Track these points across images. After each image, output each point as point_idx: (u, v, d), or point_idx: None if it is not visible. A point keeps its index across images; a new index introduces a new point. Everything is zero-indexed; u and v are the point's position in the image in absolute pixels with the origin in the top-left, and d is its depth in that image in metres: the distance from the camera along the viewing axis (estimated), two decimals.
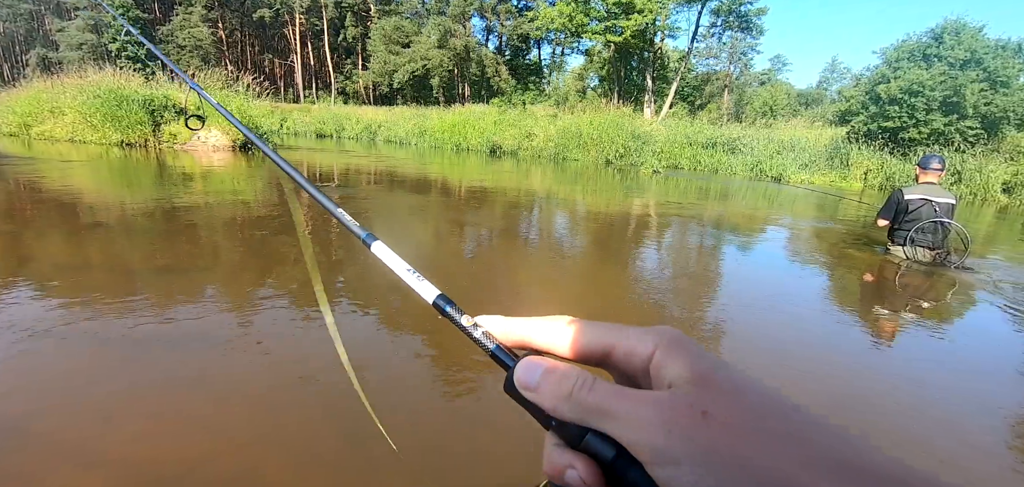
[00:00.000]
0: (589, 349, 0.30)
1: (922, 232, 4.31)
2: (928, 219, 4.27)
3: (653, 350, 0.27)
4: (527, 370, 0.29)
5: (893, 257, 4.51)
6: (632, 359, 0.28)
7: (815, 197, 9.87)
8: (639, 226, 5.64)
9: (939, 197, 4.29)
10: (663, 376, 0.26)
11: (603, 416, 0.25)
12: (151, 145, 10.98)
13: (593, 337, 0.30)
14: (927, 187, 4.36)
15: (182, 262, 3.12)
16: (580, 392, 0.26)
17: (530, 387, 0.28)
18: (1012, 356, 2.57)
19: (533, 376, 0.29)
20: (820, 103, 38.03)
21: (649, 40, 26.08)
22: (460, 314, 0.36)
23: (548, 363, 0.29)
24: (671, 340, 0.27)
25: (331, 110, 29.28)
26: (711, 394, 0.23)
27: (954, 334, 2.83)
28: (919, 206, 4.32)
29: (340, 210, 0.59)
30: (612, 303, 2.97)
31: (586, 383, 0.26)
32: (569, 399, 0.27)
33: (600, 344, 0.29)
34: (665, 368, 0.26)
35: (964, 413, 1.96)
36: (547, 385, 0.28)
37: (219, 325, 2.26)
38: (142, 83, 12.06)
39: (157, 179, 6.61)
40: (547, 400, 0.28)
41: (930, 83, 13.32)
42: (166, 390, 1.71)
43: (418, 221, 5.02)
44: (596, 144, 15.03)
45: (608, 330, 0.29)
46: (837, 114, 17.73)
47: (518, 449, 1.54)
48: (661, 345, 0.27)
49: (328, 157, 12.34)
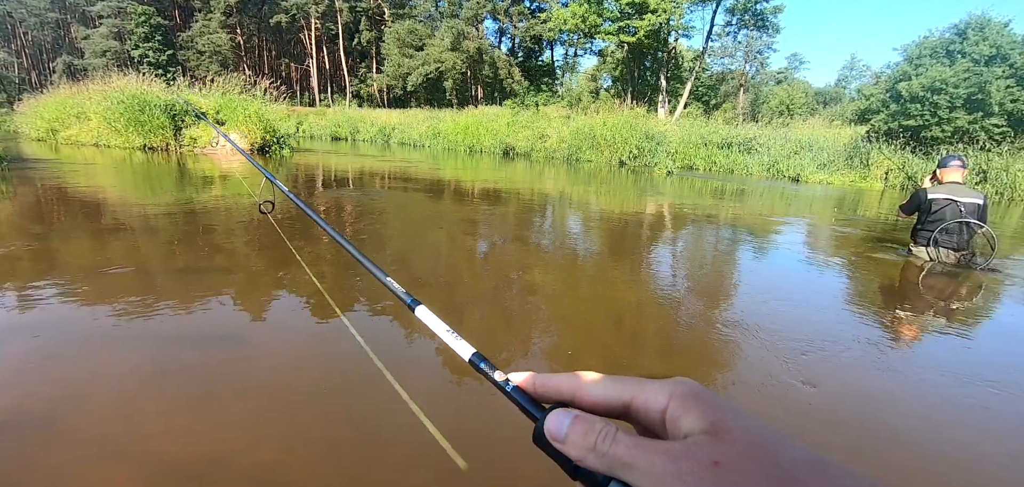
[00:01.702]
0: (610, 402, 0.31)
1: (946, 233, 4.17)
2: (953, 219, 4.13)
3: (667, 402, 0.28)
4: (556, 422, 0.30)
5: (916, 258, 4.39)
6: (649, 411, 0.29)
7: (834, 197, 9.69)
8: (654, 228, 5.60)
9: (965, 197, 4.13)
10: (679, 427, 0.27)
11: (624, 467, 0.26)
12: (172, 149, 11.24)
13: (614, 390, 0.31)
14: (952, 187, 4.22)
15: (204, 263, 3.19)
16: (603, 443, 0.27)
17: (558, 438, 0.30)
18: None
19: (561, 428, 0.30)
20: (839, 102, 37.36)
21: (663, 40, 25.89)
22: (493, 370, 0.40)
23: (575, 414, 0.30)
24: (685, 392, 0.28)
25: (346, 113, 29.65)
26: (723, 444, 0.24)
27: (981, 336, 2.76)
28: (944, 206, 4.19)
29: (388, 278, 0.67)
30: (626, 306, 2.95)
31: (608, 435, 0.28)
32: (593, 450, 0.28)
33: (620, 397, 0.31)
34: (680, 420, 0.27)
35: (993, 418, 1.91)
36: (574, 436, 0.29)
37: (242, 325, 2.31)
38: (163, 88, 12.35)
39: (179, 182, 6.76)
40: (574, 450, 0.29)
41: (953, 80, 13.01)
42: (191, 388, 1.76)
43: (431, 224, 5.06)
44: (609, 145, 14.97)
45: (627, 383, 0.31)
46: (856, 113, 17.42)
47: None
48: (675, 397, 0.28)
49: (344, 159, 12.48)
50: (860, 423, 1.80)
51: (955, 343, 2.61)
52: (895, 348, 2.52)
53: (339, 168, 10.10)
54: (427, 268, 3.44)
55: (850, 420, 1.83)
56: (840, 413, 1.87)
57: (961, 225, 4.13)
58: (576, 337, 2.40)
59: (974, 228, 4.12)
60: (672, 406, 0.28)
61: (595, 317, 2.69)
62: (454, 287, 3.03)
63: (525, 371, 0.36)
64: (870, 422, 1.81)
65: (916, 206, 4.41)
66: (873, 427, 1.78)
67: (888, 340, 2.61)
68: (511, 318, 2.61)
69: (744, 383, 2.05)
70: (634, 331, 2.55)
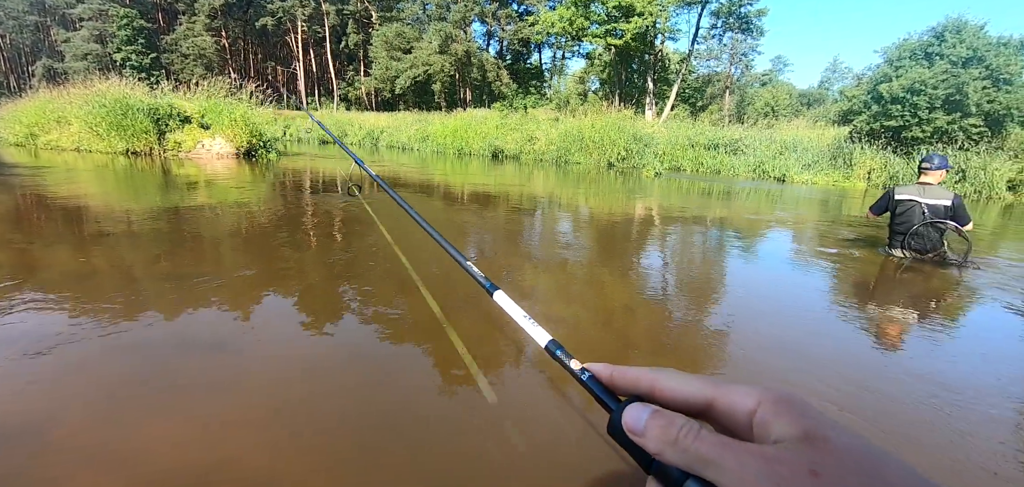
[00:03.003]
0: (691, 399, 0.31)
1: (916, 236, 4.17)
2: (919, 222, 4.12)
3: (756, 406, 0.28)
4: (634, 414, 0.31)
5: (894, 258, 4.43)
6: (735, 412, 0.29)
7: (818, 196, 9.86)
8: (643, 228, 5.66)
9: (930, 198, 4.12)
10: (769, 432, 0.26)
11: (707, 464, 0.26)
12: (156, 153, 11.07)
13: (696, 388, 0.31)
14: (920, 187, 4.21)
15: (194, 269, 3.16)
16: (685, 438, 0.27)
17: (636, 431, 0.30)
18: (1020, 352, 2.57)
19: (640, 420, 0.30)
20: (822, 103, 37.98)
21: (649, 42, 26.11)
22: (569, 358, 0.40)
23: (654, 408, 0.30)
24: (779, 397, 0.27)
25: (334, 116, 29.49)
26: (821, 453, 0.23)
27: (958, 331, 2.83)
28: (908, 207, 4.19)
29: (468, 262, 0.69)
30: (620, 305, 2.98)
31: (692, 430, 0.27)
32: (674, 444, 0.28)
33: (702, 395, 0.30)
34: (771, 424, 0.26)
35: (973, 408, 1.96)
36: (653, 429, 0.29)
37: (234, 330, 2.29)
38: (147, 92, 12.18)
39: (164, 186, 6.66)
40: (652, 443, 0.29)
41: (932, 81, 13.32)
42: (185, 395, 1.74)
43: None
44: (598, 147, 15.06)
45: (710, 383, 0.31)
46: (839, 114, 17.73)
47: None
48: (766, 401, 0.27)
49: (332, 163, 12.40)
50: (847, 419, 1.84)
51: (930, 335, 2.68)
52: (873, 343, 2.58)
53: (328, 172, 10.03)
54: (419, 269, 3.44)
55: (829, 413, 1.87)
56: (819, 407, 1.91)
57: (928, 228, 4.11)
58: (566, 336, 2.42)
59: (942, 228, 4.09)
60: (763, 410, 0.27)
61: (583, 317, 2.71)
62: (448, 288, 3.04)
63: (602, 363, 0.37)
64: (850, 418, 1.85)
65: (884, 206, 4.40)
66: (859, 423, 1.82)
67: (863, 335, 2.67)
68: (500, 318, 2.62)
69: (729, 378, 2.08)
70: (623, 331, 2.57)
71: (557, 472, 1.46)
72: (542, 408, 1.79)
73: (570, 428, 1.67)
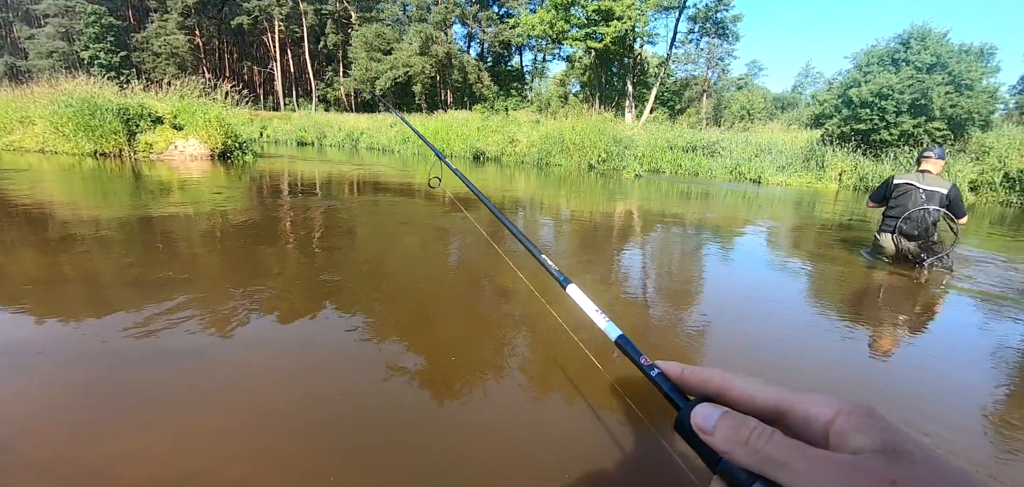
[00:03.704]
0: (764, 403, 0.31)
1: (909, 220, 4.15)
2: (914, 206, 4.12)
3: (835, 415, 0.28)
4: (703, 412, 0.31)
5: (881, 244, 4.41)
6: (810, 421, 0.29)
7: (793, 197, 10.11)
8: (626, 229, 5.71)
9: (927, 184, 4.13)
10: (848, 442, 0.26)
11: (779, 467, 0.26)
12: (126, 155, 10.73)
13: (770, 393, 0.31)
14: (920, 174, 4.23)
15: (165, 274, 3.06)
16: (758, 440, 0.28)
17: (705, 429, 0.30)
18: (983, 345, 2.68)
19: (710, 419, 0.30)
20: (795, 107, 38.97)
21: (629, 46, 26.42)
22: (639, 354, 0.41)
23: (725, 409, 0.31)
24: (859, 409, 0.27)
25: (312, 117, 29.03)
26: (901, 467, 0.24)
27: (927, 327, 2.94)
28: (906, 191, 4.20)
29: (543, 256, 0.69)
30: (603, 304, 3.00)
31: (764, 433, 0.28)
32: (745, 444, 0.28)
33: (775, 401, 0.31)
34: (850, 434, 0.26)
35: (940, 399, 2.04)
36: (723, 429, 0.29)
37: (206, 337, 2.23)
38: (116, 92, 11.80)
39: (134, 189, 6.46)
40: (721, 443, 0.29)
41: (899, 86, 13.80)
42: (155, 405, 1.69)
43: (405, 228, 5.01)
44: (579, 149, 15.18)
45: (785, 390, 0.31)
46: (812, 117, 18.20)
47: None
48: (845, 412, 0.27)
49: (310, 165, 12.20)
50: None
51: (899, 333, 2.77)
52: (843, 342, 2.65)
53: (306, 174, 9.87)
54: (400, 273, 3.40)
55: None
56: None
57: (923, 213, 4.10)
58: (546, 337, 2.42)
59: (936, 216, 4.10)
60: (841, 420, 0.27)
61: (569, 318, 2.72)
62: (429, 291, 3.01)
63: (673, 361, 0.38)
64: None
65: (883, 194, 4.42)
66: None
67: (838, 336, 2.75)
68: (484, 321, 2.61)
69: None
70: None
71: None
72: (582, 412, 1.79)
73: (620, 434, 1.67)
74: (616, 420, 1.75)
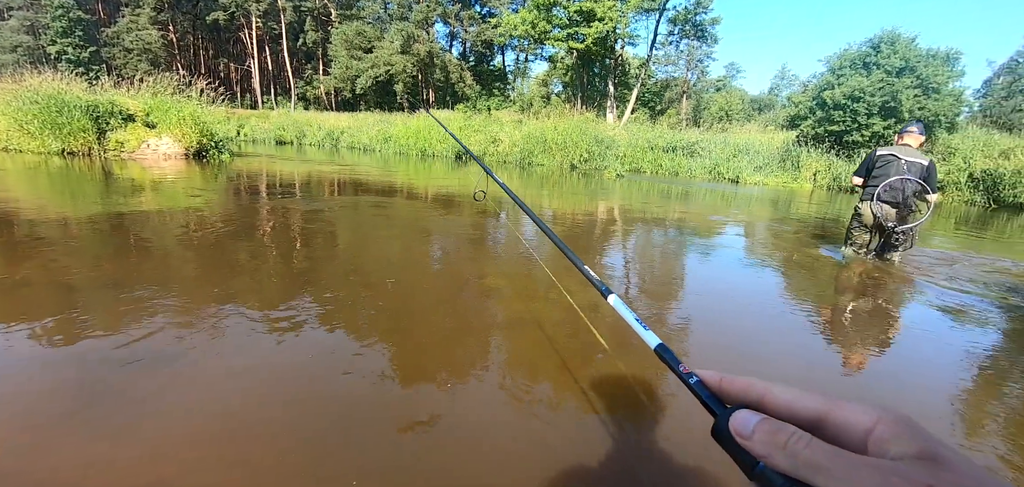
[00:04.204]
0: (803, 411, 0.32)
1: (889, 188, 4.30)
2: (895, 174, 4.27)
3: (874, 424, 0.28)
4: (742, 418, 0.32)
5: (860, 212, 4.54)
6: (849, 429, 0.29)
7: (769, 197, 10.32)
8: (607, 228, 5.76)
9: (909, 156, 4.29)
10: (887, 449, 0.27)
11: (817, 471, 0.27)
12: (95, 153, 10.39)
13: (809, 401, 0.32)
14: (902, 147, 4.39)
15: (136, 278, 2.98)
16: (796, 445, 0.29)
17: (744, 434, 0.31)
18: (951, 341, 2.77)
19: (748, 425, 0.32)
20: (772, 108, 39.76)
21: (610, 47, 26.63)
22: (677, 363, 0.42)
23: (763, 415, 0.32)
24: (899, 418, 0.28)
25: (291, 116, 28.52)
26: (938, 472, 0.24)
27: (894, 322, 3.03)
28: (888, 161, 4.35)
29: (586, 267, 0.70)
30: (586, 304, 3.02)
31: (803, 438, 0.29)
32: (783, 449, 0.29)
33: (814, 409, 0.31)
34: (889, 442, 0.27)
35: (906, 393, 2.11)
36: (761, 434, 0.30)
37: (182, 344, 2.17)
38: (85, 88, 11.42)
39: (104, 189, 6.26)
40: (759, 447, 0.30)
41: (870, 89, 14.22)
42: (124, 412, 1.64)
43: (387, 228, 4.96)
44: (561, 149, 15.24)
45: (824, 398, 0.32)
46: (787, 119, 18.63)
47: None
48: (885, 421, 0.28)
49: (289, 165, 12.00)
50: None
51: (865, 328, 2.86)
52: (813, 337, 2.72)
53: (285, 174, 9.70)
54: (380, 275, 3.37)
55: None
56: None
57: (903, 182, 4.26)
58: (525, 336, 2.43)
59: (913, 186, 4.27)
60: (880, 428, 0.28)
61: (547, 316, 2.72)
62: (410, 293, 2.99)
63: (710, 370, 0.38)
64: None
65: (866, 165, 4.58)
66: None
67: (808, 330, 2.82)
68: (467, 323, 2.60)
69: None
70: (587, 327, 2.60)
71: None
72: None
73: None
74: (615, 420, 1.76)
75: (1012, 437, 1.82)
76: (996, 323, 3.13)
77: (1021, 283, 4.19)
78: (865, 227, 4.53)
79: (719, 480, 1.46)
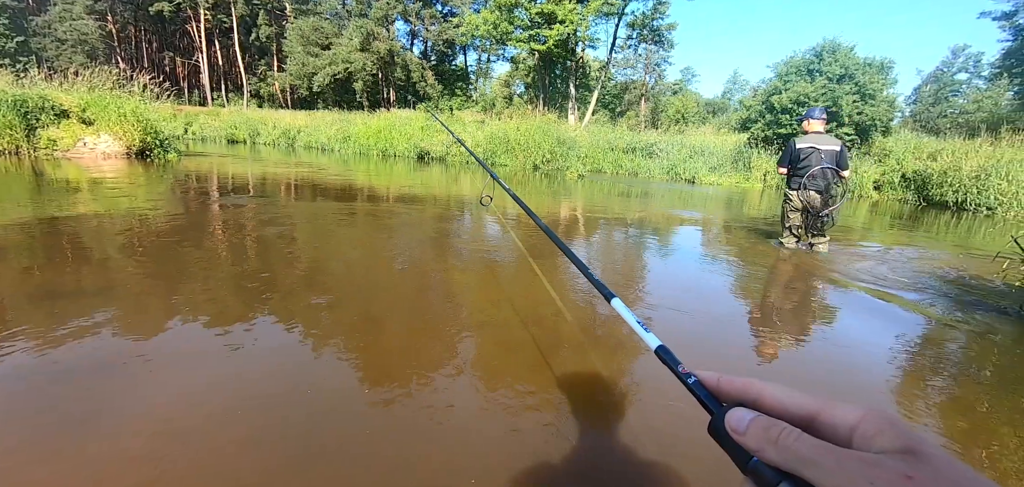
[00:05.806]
0: (796, 411, 0.34)
1: (812, 178, 4.84)
2: (817, 164, 4.82)
3: (859, 421, 0.30)
4: (737, 415, 0.34)
5: (790, 198, 5.05)
6: (837, 426, 0.31)
7: (723, 196, 10.75)
8: (571, 227, 5.83)
9: (825, 145, 4.83)
10: (871, 444, 0.29)
11: (806, 463, 0.29)
12: (24, 152, 9.63)
13: (802, 400, 0.34)
14: (815, 136, 4.90)
15: (78, 284, 2.78)
16: (787, 439, 0.31)
17: (738, 431, 0.33)
18: (880, 330, 2.98)
19: (742, 421, 0.34)
20: (725, 111, 41.39)
21: (571, 50, 26.98)
22: (677, 364, 0.44)
23: (757, 413, 0.34)
24: (882, 416, 0.30)
25: (244, 114, 27.39)
26: (918, 464, 0.26)
27: (829, 314, 3.23)
28: (809, 153, 4.87)
29: (590, 271, 0.73)
30: (548, 305, 3.05)
31: (792, 433, 0.31)
32: (775, 444, 0.31)
33: (807, 408, 0.33)
34: (873, 437, 0.29)
35: (838, 379, 2.24)
36: (755, 430, 0.33)
37: (125, 354, 2.05)
38: (11, 81, 10.57)
39: (35, 190, 5.81)
40: (752, 441, 0.32)
41: (814, 94, 15.04)
42: (64, 429, 1.53)
43: (348, 234, 4.84)
44: (523, 149, 15.31)
45: (815, 398, 0.34)
46: (739, 122, 19.45)
47: None
48: (869, 419, 0.30)
49: (242, 165, 11.50)
50: None
51: (804, 320, 3.03)
52: (756, 323, 2.86)
53: (237, 174, 9.29)
54: (341, 280, 3.29)
55: None
56: None
57: (824, 170, 4.83)
58: (495, 336, 2.43)
59: (832, 171, 4.84)
60: (865, 425, 0.30)
61: (512, 318, 2.74)
62: (373, 295, 2.93)
63: (710, 370, 0.40)
64: None
65: (789, 157, 5.06)
66: None
67: (752, 317, 2.96)
68: (432, 322, 2.58)
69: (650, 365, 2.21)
70: (553, 328, 2.63)
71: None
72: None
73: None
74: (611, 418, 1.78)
75: (940, 414, 1.98)
76: (918, 307, 3.39)
77: (940, 271, 4.54)
78: (796, 209, 5.06)
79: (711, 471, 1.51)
